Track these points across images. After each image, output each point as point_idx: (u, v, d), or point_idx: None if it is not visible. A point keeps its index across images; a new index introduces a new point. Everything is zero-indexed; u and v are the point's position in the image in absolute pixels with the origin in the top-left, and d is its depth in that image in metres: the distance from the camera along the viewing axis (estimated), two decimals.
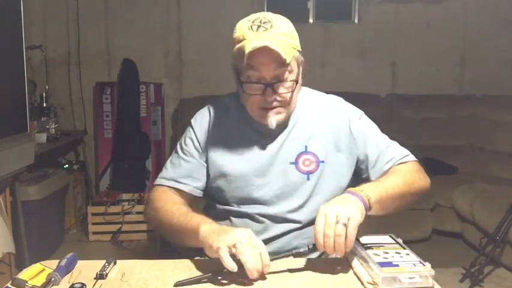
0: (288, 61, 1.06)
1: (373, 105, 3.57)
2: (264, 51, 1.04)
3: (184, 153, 1.22)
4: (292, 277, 0.97)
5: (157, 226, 1.19)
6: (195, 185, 1.20)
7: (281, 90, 1.10)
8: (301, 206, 1.17)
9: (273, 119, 1.12)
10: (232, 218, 1.20)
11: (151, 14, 3.83)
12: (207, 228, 0.98)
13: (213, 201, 1.25)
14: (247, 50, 1.03)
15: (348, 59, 3.94)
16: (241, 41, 1.07)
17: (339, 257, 0.94)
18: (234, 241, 0.91)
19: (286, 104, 1.12)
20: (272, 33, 1.06)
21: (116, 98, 3.68)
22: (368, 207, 0.99)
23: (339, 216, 0.92)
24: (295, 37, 1.13)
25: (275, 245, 1.17)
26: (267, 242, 1.16)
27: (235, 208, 1.19)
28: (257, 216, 1.17)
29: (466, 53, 3.97)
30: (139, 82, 3.67)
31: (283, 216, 1.17)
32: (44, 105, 3.27)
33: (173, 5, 3.85)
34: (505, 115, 3.53)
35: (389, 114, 3.73)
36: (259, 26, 1.07)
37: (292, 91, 1.12)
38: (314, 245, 0.95)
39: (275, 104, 1.11)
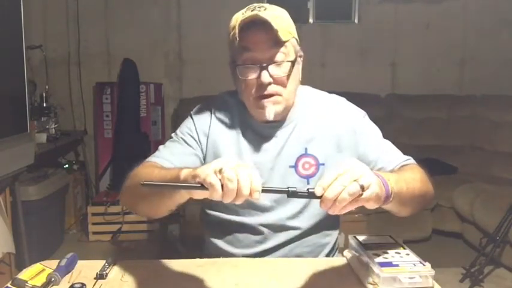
0: (280, 35, 1.03)
1: (373, 105, 3.57)
2: (256, 30, 1.03)
3: (178, 139, 1.17)
4: (292, 277, 0.97)
5: (133, 194, 1.04)
6: None
7: (277, 72, 1.06)
8: (300, 212, 1.15)
9: (271, 110, 1.08)
10: (231, 230, 1.18)
11: (151, 14, 3.83)
12: (188, 169, 0.86)
13: (210, 209, 1.21)
14: (239, 24, 1.02)
15: (348, 59, 3.94)
16: (235, 26, 1.05)
17: (330, 213, 0.80)
18: (220, 165, 0.78)
19: (283, 91, 1.08)
20: (265, 13, 1.04)
21: (116, 98, 3.68)
22: (389, 196, 0.86)
23: (362, 176, 0.79)
24: (292, 25, 1.11)
25: (276, 255, 1.15)
26: (268, 252, 1.15)
27: (233, 218, 1.16)
28: (256, 226, 1.15)
29: (466, 53, 3.97)
30: (139, 82, 3.67)
31: (282, 223, 1.14)
32: (44, 105, 3.27)
33: (173, 5, 3.85)
34: (505, 115, 3.53)
35: (389, 114, 3.73)
36: (253, 10, 1.06)
37: (289, 75, 1.08)
38: (313, 192, 0.81)
39: (271, 89, 1.07)
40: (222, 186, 0.77)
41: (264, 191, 0.79)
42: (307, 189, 0.81)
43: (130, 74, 3.62)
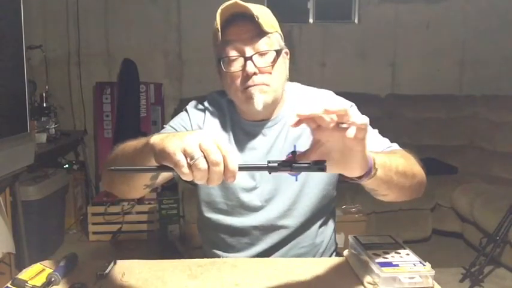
0: (262, 23, 1.02)
1: (373, 105, 3.58)
2: (238, 22, 1.03)
3: (170, 130, 1.16)
4: (292, 277, 0.97)
5: (110, 167, 0.88)
6: None
7: (262, 62, 1.05)
8: (289, 209, 1.15)
9: (259, 99, 1.05)
10: (223, 235, 1.18)
11: (151, 14, 3.83)
12: (158, 135, 0.78)
13: (202, 209, 1.21)
14: (220, 14, 1.01)
15: (348, 59, 3.95)
16: (217, 22, 1.04)
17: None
18: (193, 151, 0.68)
19: (269, 81, 1.06)
20: (245, 3, 1.03)
21: (116, 98, 3.68)
22: (372, 165, 0.82)
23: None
24: (275, 22, 1.10)
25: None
26: (260, 255, 1.15)
27: (224, 219, 1.17)
28: (246, 228, 1.16)
29: (466, 53, 3.98)
30: (139, 82, 3.67)
31: (273, 223, 1.15)
32: (44, 105, 3.27)
33: (173, 5, 3.85)
34: (505, 115, 3.53)
35: (389, 114, 3.73)
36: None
37: (273, 65, 1.06)
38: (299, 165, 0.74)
39: (257, 80, 1.05)
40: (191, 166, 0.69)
41: (241, 169, 0.71)
42: (291, 163, 0.74)
43: (130, 74, 3.62)
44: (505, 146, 3.47)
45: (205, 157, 0.68)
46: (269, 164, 0.73)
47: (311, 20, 3.97)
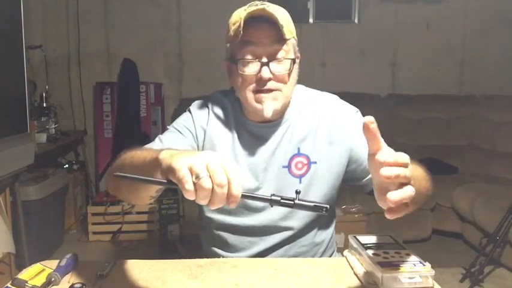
0: (285, 31, 1.02)
1: (373, 105, 3.57)
2: (261, 25, 1.03)
3: (174, 131, 1.16)
4: (292, 277, 0.97)
5: (117, 173, 0.88)
6: None
7: (277, 69, 1.06)
8: (292, 211, 1.14)
9: (269, 106, 1.07)
10: (224, 233, 1.18)
11: (151, 14, 3.83)
12: (168, 151, 0.77)
13: (204, 208, 1.21)
14: (245, 17, 1.01)
15: (348, 59, 3.95)
16: (237, 22, 1.05)
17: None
18: (199, 169, 0.68)
19: (282, 88, 1.08)
20: (270, 9, 1.03)
21: (116, 98, 3.68)
22: None
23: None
24: (293, 25, 1.10)
25: (271, 257, 1.15)
26: (262, 255, 1.15)
27: (226, 219, 1.17)
28: (249, 227, 1.16)
29: (466, 53, 3.98)
30: (139, 82, 3.67)
31: (275, 224, 1.15)
32: (44, 105, 3.27)
33: (173, 5, 3.85)
34: (505, 115, 3.53)
35: (389, 114, 3.73)
36: (256, 6, 1.05)
37: (289, 73, 1.08)
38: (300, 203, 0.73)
39: (271, 85, 1.06)
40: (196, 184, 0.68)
41: (244, 196, 0.71)
42: (293, 199, 0.73)
43: (130, 74, 3.63)
44: (505, 146, 3.47)
45: (210, 177, 0.67)
46: (272, 197, 0.73)
47: (311, 20, 3.97)
